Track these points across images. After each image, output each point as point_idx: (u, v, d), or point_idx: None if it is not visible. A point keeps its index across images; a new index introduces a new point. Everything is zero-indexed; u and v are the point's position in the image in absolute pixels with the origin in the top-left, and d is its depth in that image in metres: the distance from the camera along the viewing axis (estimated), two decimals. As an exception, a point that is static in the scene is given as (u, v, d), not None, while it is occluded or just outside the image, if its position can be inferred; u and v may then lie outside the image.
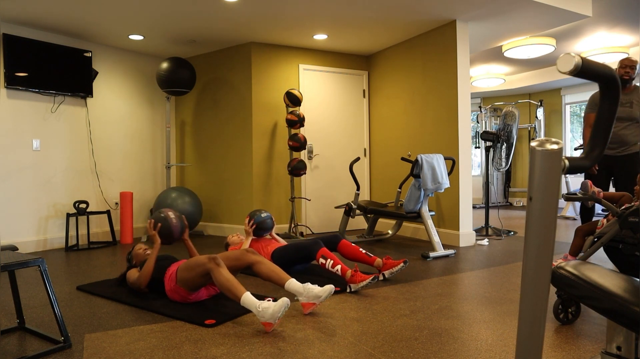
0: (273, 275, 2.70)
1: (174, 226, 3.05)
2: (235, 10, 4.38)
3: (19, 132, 4.75)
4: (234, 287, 2.44)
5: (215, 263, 2.55)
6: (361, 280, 2.98)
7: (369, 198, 6.20)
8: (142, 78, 5.84)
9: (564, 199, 2.58)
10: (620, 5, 4.80)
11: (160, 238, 3.01)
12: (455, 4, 4.31)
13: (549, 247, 0.87)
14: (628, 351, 1.33)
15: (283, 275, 2.69)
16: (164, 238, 3.02)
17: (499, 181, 9.35)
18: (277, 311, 2.27)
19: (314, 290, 2.58)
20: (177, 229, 3.06)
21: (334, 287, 2.60)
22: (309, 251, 3.25)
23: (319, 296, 2.55)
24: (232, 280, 2.48)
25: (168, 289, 2.81)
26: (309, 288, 2.59)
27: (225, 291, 2.46)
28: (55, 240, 5.00)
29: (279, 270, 2.72)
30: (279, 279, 2.68)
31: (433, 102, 5.08)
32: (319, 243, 3.26)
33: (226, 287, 2.45)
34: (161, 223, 3.02)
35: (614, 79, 0.93)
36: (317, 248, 3.22)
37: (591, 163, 0.97)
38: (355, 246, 3.44)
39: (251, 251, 2.82)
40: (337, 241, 3.48)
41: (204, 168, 5.89)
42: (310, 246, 3.25)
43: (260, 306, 2.32)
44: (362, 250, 3.42)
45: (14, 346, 2.21)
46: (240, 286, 2.45)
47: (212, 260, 2.58)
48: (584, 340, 2.18)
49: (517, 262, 3.96)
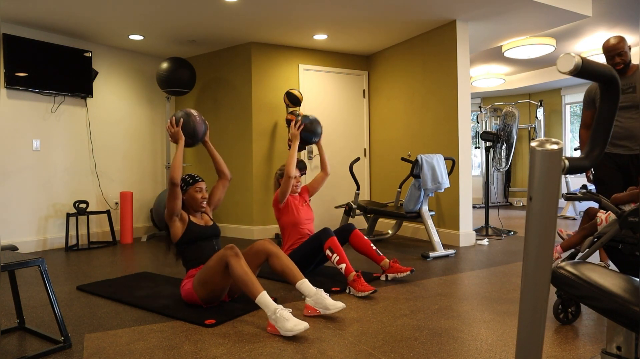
0: (288, 271, 2.62)
1: (198, 123, 2.80)
2: (235, 10, 4.38)
3: (19, 132, 4.75)
4: (252, 283, 2.36)
5: (234, 253, 2.45)
6: (361, 290, 2.94)
7: (369, 198, 6.20)
8: (142, 78, 5.84)
9: (564, 199, 2.58)
10: (620, 5, 4.80)
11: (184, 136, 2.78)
12: (455, 4, 4.30)
13: (549, 247, 0.87)
14: (628, 351, 1.33)
15: (297, 273, 2.62)
16: (188, 136, 2.79)
17: (499, 182, 9.34)
18: (293, 330, 2.21)
19: (325, 301, 2.52)
20: (201, 127, 2.83)
21: (344, 306, 2.54)
22: (317, 240, 3.20)
23: (327, 309, 2.51)
24: (250, 274, 2.40)
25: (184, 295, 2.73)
26: (321, 296, 2.54)
27: (242, 285, 2.38)
28: (55, 240, 5.00)
29: (295, 267, 2.65)
30: (292, 276, 2.61)
31: (433, 102, 5.08)
32: (329, 231, 3.18)
33: (243, 281, 2.37)
34: (184, 119, 2.77)
35: (614, 79, 0.93)
36: (325, 237, 3.16)
37: (591, 163, 0.97)
38: (367, 240, 3.38)
39: (269, 241, 2.75)
40: (350, 230, 3.42)
41: (204, 168, 5.89)
42: (319, 235, 3.20)
43: (279, 313, 2.25)
44: (373, 246, 3.36)
45: (14, 346, 2.21)
46: (258, 283, 2.38)
47: (231, 248, 2.47)
48: (584, 340, 2.18)
49: (517, 262, 3.96)
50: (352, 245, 3.41)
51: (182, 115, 2.80)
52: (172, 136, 2.79)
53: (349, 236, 3.42)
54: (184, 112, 2.82)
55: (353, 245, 3.41)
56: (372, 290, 2.93)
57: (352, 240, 3.41)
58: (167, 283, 3.34)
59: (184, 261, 2.82)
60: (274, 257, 2.67)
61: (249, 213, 5.46)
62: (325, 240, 3.15)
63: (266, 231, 5.48)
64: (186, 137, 2.80)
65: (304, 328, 2.22)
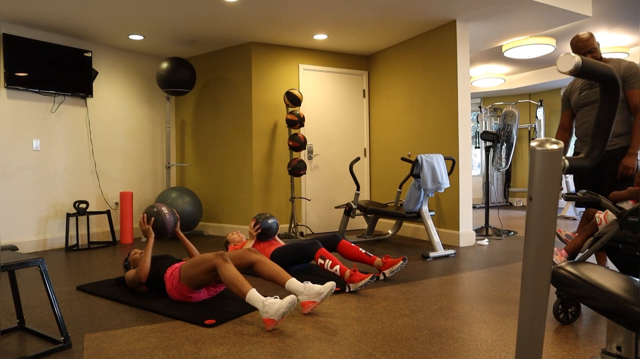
0: (275, 275, 2.71)
1: (167, 220, 3.08)
2: (235, 10, 4.38)
3: (19, 132, 4.75)
4: (240, 283, 2.47)
5: (223, 259, 2.59)
6: (360, 279, 2.98)
7: (369, 198, 6.20)
8: (142, 78, 5.84)
9: (564, 199, 2.58)
10: (620, 5, 4.80)
11: (154, 232, 3.03)
12: (455, 4, 4.31)
13: (549, 247, 0.86)
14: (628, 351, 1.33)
15: (284, 274, 2.70)
16: (157, 232, 3.05)
17: (499, 182, 9.34)
18: (283, 306, 2.29)
19: (315, 288, 2.59)
20: (170, 223, 3.09)
21: (335, 284, 2.60)
22: (307, 251, 3.25)
23: (320, 293, 2.56)
24: (238, 276, 2.51)
25: (169, 287, 2.82)
26: (309, 286, 2.61)
27: (232, 286, 2.48)
28: (55, 240, 5.00)
29: (281, 270, 2.73)
30: (280, 279, 2.69)
31: (433, 102, 5.08)
32: (317, 243, 3.26)
33: (232, 283, 2.48)
34: (154, 217, 3.03)
35: (613, 79, 0.93)
36: (315, 248, 3.22)
37: (591, 163, 0.97)
38: (354, 246, 3.44)
39: (253, 250, 2.84)
40: (336, 241, 3.48)
41: (204, 168, 5.89)
42: (308, 247, 3.25)
43: (267, 301, 2.35)
44: (361, 249, 3.42)
45: (14, 346, 2.21)
46: (247, 282, 2.48)
47: (220, 256, 2.61)
48: (584, 340, 2.18)
49: (517, 262, 3.96)
50: (341, 254, 3.47)
51: (153, 213, 3.04)
52: (143, 232, 3.03)
53: (336, 246, 3.49)
54: (155, 210, 3.06)
55: (342, 254, 3.47)
56: (370, 276, 2.97)
57: (340, 249, 3.48)
58: (167, 283, 3.34)
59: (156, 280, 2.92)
60: (259, 264, 2.78)
61: (248, 213, 5.46)
62: (315, 252, 3.22)
63: (266, 231, 5.47)
64: (156, 232, 3.04)
65: (292, 300, 2.31)
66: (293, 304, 2.31)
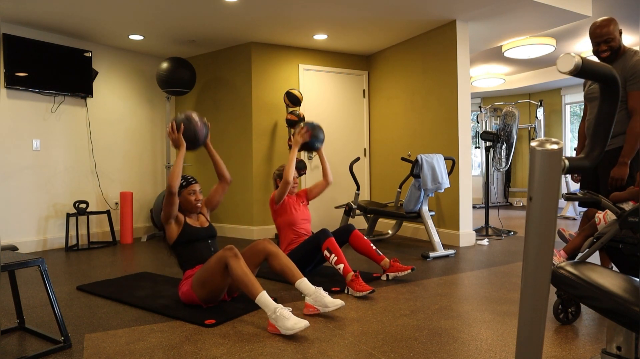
0: (287, 270, 2.63)
1: (199, 128, 2.73)
2: (235, 11, 4.38)
3: (19, 132, 4.75)
4: (251, 283, 2.37)
5: (233, 253, 2.46)
6: (359, 289, 2.94)
7: (369, 198, 6.20)
8: (142, 78, 5.84)
9: (564, 199, 2.57)
10: (620, 5, 4.80)
11: (185, 142, 2.74)
12: (455, 4, 4.30)
13: (549, 247, 0.86)
14: (628, 351, 1.33)
15: (297, 272, 2.64)
16: (189, 142, 2.75)
17: (499, 182, 9.34)
18: (294, 329, 2.22)
19: (325, 298, 2.53)
20: (202, 132, 2.77)
21: (343, 303, 2.55)
22: (315, 239, 3.21)
23: (327, 307, 2.52)
24: (249, 274, 2.41)
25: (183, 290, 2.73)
26: (320, 294, 2.55)
27: (242, 285, 2.38)
28: (55, 240, 5.00)
29: (294, 266, 2.66)
30: (292, 275, 2.62)
31: (433, 102, 5.08)
32: (327, 233, 3.19)
33: (243, 281, 2.38)
34: (184, 124, 2.71)
35: (614, 79, 0.93)
36: (324, 237, 3.16)
37: (591, 163, 0.97)
38: (367, 240, 3.38)
39: (268, 241, 2.76)
40: (350, 231, 3.42)
41: (204, 168, 5.89)
42: (316, 235, 3.21)
43: (279, 311, 2.26)
44: (373, 246, 3.36)
45: (14, 346, 2.21)
46: (258, 283, 2.38)
47: (230, 249, 2.47)
48: (584, 340, 2.18)
49: (517, 262, 3.96)
50: (352, 246, 3.41)
51: (182, 119, 2.71)
52: (173, 142, 2.74)
53: (348, 236, 3.41)
54: (185, 116, 2.74)
55: (353, 246, 3.40)
56: (369, 290, 2.92)
57: (351, 240, 3.41)
58: (167, 283, 3.34)
59: (180, 263, 2.82)
60: (273, 257, 2.69)
61: (248, 213, 5.46)
62: (323, 240, 3.16)
63: (266, 231, 5.48)
64: (187, 142, 2.75)
65: (304, 326, 2.22)
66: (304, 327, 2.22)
